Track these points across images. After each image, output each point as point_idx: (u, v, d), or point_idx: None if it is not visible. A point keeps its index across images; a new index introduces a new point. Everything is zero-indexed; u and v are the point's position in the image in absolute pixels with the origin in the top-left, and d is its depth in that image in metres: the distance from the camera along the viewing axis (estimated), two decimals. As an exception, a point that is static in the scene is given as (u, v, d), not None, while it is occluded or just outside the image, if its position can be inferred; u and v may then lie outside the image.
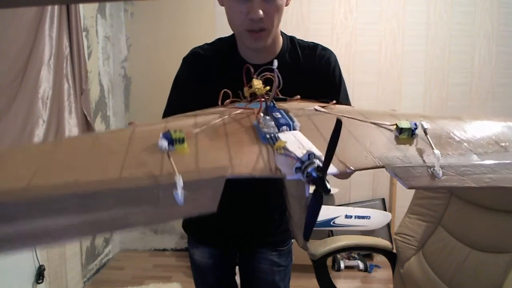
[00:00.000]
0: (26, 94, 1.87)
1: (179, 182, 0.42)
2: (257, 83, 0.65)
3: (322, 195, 0.45)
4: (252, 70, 0.70)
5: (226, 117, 0.65)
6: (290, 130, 0.57)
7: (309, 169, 0.44)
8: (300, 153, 0.46)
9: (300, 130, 0.58)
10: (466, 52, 2.88)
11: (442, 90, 2.93)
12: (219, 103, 0.75)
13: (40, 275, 1.91)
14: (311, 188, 0.45)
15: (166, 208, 0.42)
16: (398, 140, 0.57)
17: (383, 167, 0.50)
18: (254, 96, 0.70)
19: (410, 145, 0.56)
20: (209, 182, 0.46)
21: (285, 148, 0.49)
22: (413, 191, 1.50)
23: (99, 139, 0.59)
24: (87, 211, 0.41)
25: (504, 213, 1.20)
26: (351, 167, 0.50)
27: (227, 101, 0.74)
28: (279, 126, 0.57)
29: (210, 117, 0.65)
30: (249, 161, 0.51)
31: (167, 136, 0.51)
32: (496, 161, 0.52)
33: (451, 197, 1.38)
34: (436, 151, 0.52)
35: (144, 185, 0.45)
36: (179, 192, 0.42)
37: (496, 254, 1.18)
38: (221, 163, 0.50)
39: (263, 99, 0.66)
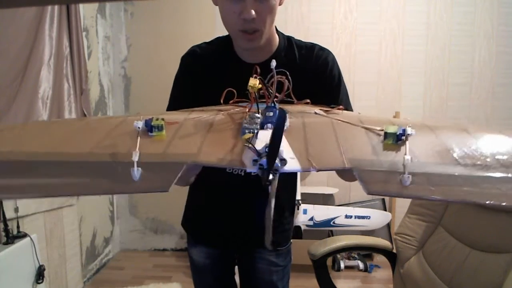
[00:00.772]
0: (26, 94, 1.87)
1: (135, 158, 0.47)
2: (253, 82, 0.65)
3: (266, 187, 0.45)
4: (258, 71, 0.70)
5: (222, 113, 0.66)
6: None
7: (262, 161, 0.45)
8: (260, 147, 0.48)
9: (286, 130, 0.58)
10: (466, 52, 2.88)
11: (442, 90, 2.93)
12: (221, 101, 0.75)
13: (40, 275, 1.91)
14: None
15: (122, 183, 0.47)
16: (383, 146, 0.55)
17: (350, 169, 0.49)
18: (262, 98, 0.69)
19: (395, 151, 0.53)
20: (168, 165, 0.49)
21: (249, 142, 0.51)
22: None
23: (91, 121, 0.66)
24: (54, 175, 0.49)
25: (504, 213, 1.20)
26: (316, 166, 0.49)
27: (231, 101, 0.74)
28: (263, 124, 0.57)
29: (206, 113, 0.66)
30: (218, 152, 0.52)
31: (148, 122, 0.55)
32: (481, 174, 0.48)
33: (451, 197, 1.38)
34: (407, 157, 0.49)
35: (104, 161, 0.51)
36: (135, 169, 0.46)
37: (496, 254, 1.18)
38: (189, 151, 0.53)
39: (258, 97, 0.67)
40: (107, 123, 0.65)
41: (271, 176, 0.45)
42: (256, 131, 0.54)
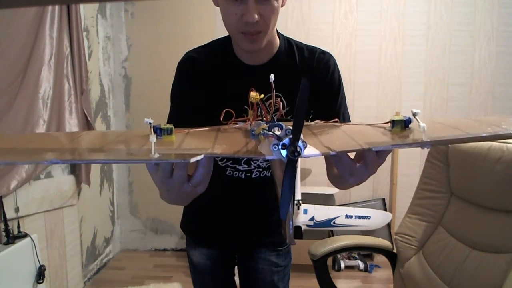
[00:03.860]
0: (27, 94, 1.87)
1: (153, 139, 0.48)
2: (253, 94, 0.66)
3: (294, 162, 0.44)
4: (254, 92, 0.69)
5: (223, 127, 0.69)
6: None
7: (285, 140, 0.46)
8: (279, 133, 0.49)
9: None
10: (466, 52, 2.88)
11: (442, 90, 2.93)
12: (221, 119, 0.73)
13: (40, 275, 1.91)
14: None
15: (140, 155, 0.49)
16: (391, 133, 0.58)
17: (369, 149, 0.50)
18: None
19: (405, 135, 0.56)
20: (185, 154, 0.50)
21: (265, 129, 0.52)
22: (413, 191, 1.50)
23: (108, 132, 0.67)
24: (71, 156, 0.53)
25: (504, 213, 1.20)
26: (335, 149, 0.50)
27: (231, 120, 0.73)
28: (270, 127, 0.57)
29: (208, 128, 0.68)
30: (232, 147, 0.54)
31: (156, 127, 0.56)
32: (491, 134, 0.52)
33: (451, 197, 1.38)
34: (422, 124, 0.52)
35: (119, 149, 0.54)
36: (153, 147, 0.47)
37: (496, 254, 1.18)
38: (203, 147, 0.54)
39: (258, 107, 0.68)
40: (117, 131, 0.69)
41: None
42: (265, 131, 0.55)
